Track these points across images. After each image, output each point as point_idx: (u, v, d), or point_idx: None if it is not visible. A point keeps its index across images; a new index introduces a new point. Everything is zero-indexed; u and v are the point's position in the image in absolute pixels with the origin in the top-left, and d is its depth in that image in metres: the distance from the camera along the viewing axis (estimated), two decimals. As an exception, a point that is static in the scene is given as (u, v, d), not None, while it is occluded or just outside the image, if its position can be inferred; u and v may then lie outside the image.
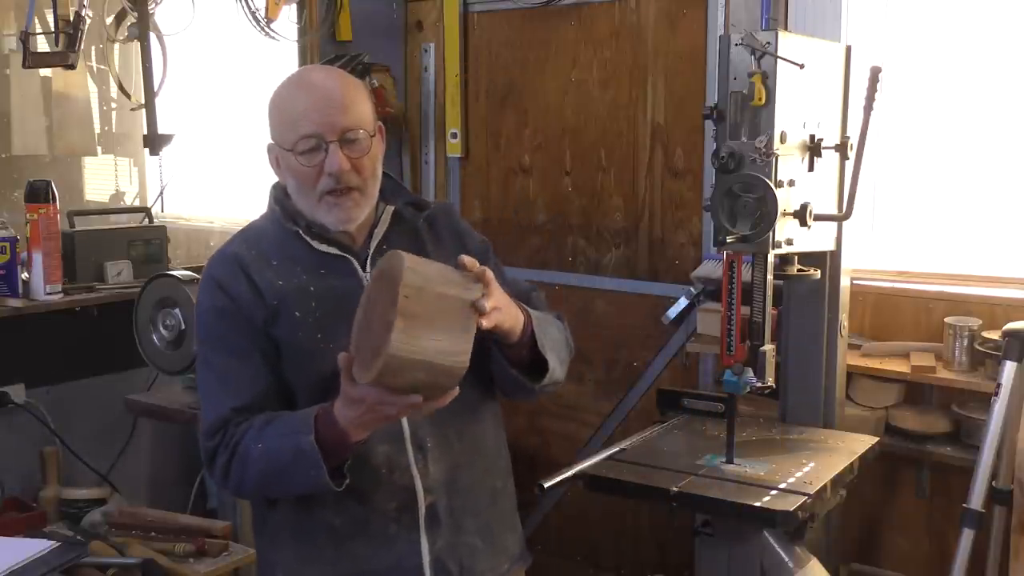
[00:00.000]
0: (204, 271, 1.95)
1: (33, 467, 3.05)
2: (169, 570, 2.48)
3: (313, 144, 1.81)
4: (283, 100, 1.87)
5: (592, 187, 3.72)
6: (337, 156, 1.80)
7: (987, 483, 2.77)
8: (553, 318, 2.03)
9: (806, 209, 2.47)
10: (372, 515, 1.84)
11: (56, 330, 3.13)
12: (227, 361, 1.84)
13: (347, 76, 1.92)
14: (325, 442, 1.70)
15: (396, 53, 4.02)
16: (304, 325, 1.83)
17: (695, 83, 3.45)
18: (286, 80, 1.91)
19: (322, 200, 1.84)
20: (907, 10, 3.25)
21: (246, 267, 1.87)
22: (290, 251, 1.89)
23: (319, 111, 1.81)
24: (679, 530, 3.31)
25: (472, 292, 1.66)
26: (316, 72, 1.95)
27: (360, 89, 1.89)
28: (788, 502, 2.28)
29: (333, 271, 1.87)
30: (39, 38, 3.27)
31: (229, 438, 1.80)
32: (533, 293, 2.09)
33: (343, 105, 1.82)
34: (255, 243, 1.92)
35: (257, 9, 3.51)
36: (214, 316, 1.87)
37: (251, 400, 1.81)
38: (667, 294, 3.46)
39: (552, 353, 1.89)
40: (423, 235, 1.97)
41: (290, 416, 1.78)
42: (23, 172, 4.10)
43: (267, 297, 1.84)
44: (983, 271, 3.17)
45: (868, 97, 2.49)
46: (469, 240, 2.03)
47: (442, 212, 2.04)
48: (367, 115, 1.86)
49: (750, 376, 2.43)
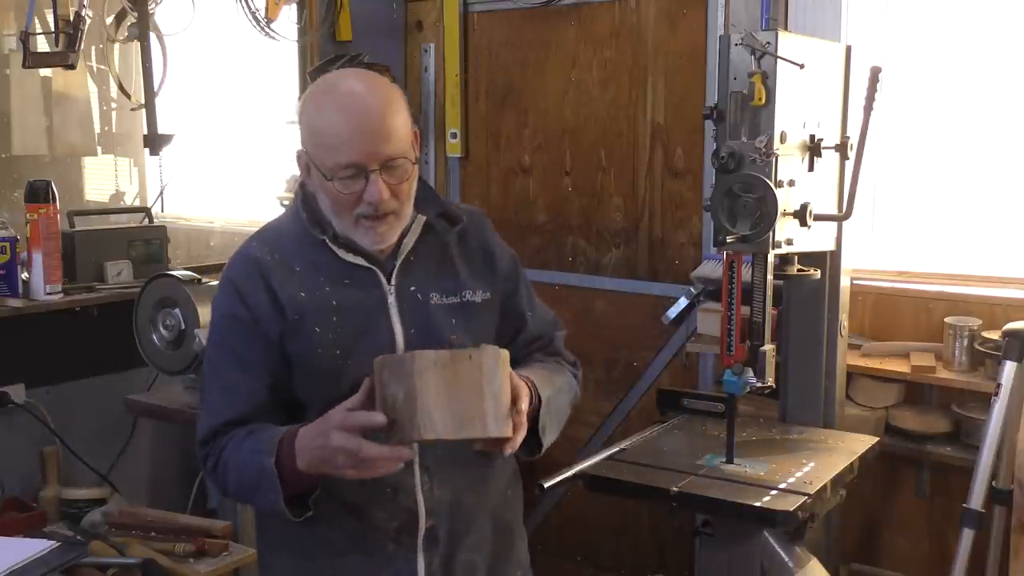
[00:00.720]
0: (224, 271, 1.90)
1: (33, 467, 3.05)
2: (169, 570, 2.48)
3: (353, 173, 1.73)
4: (321, 119, 1.75)
5: (592, 187, 3.72)
6: (378, 186, 1.73)
7: (987, 483, 2.77)
8: (568, 376, 2.00)
9: (806, 209, 2.47)
10: (371, 532, 1.82)
11: (56, 330, 3.13)
12: (232, 372, 1.82)
13: (387, 90, 1.79)
14: (284, 464, 1.68)
15: (396, 53, 4.02)
16: (324, 341, 1.79)
17: (695, 83, 3.45)
18: (323, 92, 1.79)
19: (358, 223, 1.78)
20: (907, 10, 3.25)
21: (267, 275, 1.81)
22: (314, 258, 1.83)
23: (362, 140, 1.71)
24: (679, 530, 3.32)
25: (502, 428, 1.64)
26: (357, 89, 1.76)
27: (400, 103, 1.79)
28: (788, 502, 2.28)
29: (357, 282, 1.82)
30: (39, 38, 3.27)
31: (217, 446, 1.80)
32: (556, 332, 2.06)
33: (386, 133, 1.73)
34: (276, 246, 1.85)
35: (257, 9, 3.51)
36: (228, 323, 1.83)
37: (247, 414, 1.79)
38: (667, 294, 3.46)
39: (552, 433, 1.88)
40: (452, 248, 1.91)
41: (265, 432, 1.75)
42: (23, 172, 4.10)
43: (287, 311, 1.79)
44: (983, 271, 3.17)
45: (868, 97, 2.49)
46: (498, 260, 1.96)
47: (474, 225, 1.96)
48: (407, 136, 1.78)
49: (750, 376, 2.43)
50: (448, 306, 1.86)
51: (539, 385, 1.83)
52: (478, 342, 1.82)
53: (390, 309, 1.82)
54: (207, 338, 1.91)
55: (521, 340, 1.99)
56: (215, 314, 1.88)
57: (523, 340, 1.99)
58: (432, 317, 1.84)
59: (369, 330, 1.80)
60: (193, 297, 2.82)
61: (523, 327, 2.00)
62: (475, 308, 1.89)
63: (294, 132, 4.22)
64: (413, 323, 1.82)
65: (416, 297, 1.84)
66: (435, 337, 1.82)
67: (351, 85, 1.77)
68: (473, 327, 1.87)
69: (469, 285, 1.89)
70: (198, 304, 2.82)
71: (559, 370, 1.99)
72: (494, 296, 1.93)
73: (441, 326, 1.84)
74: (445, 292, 1.86)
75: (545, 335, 2.03)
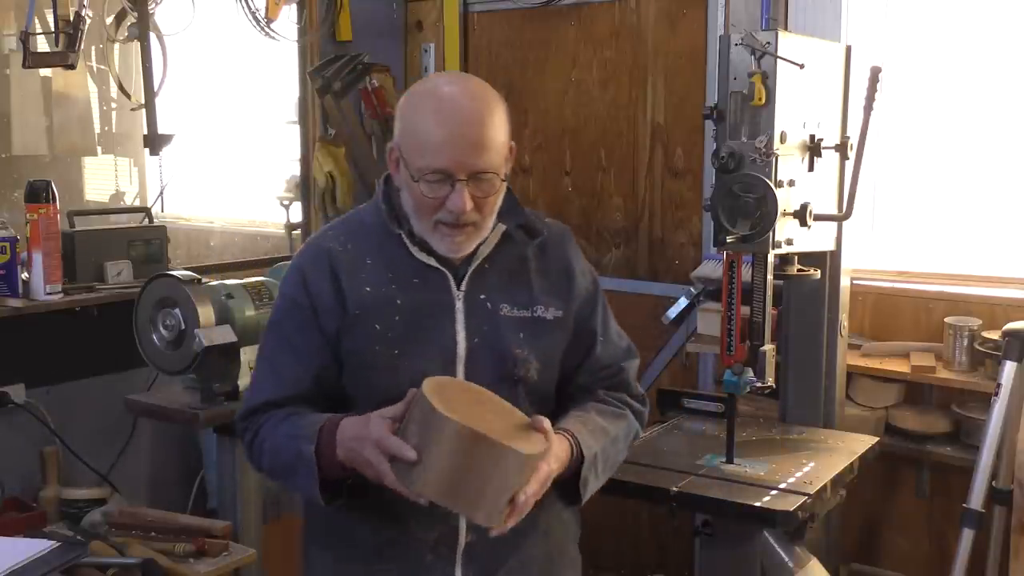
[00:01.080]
0: (296, 255, 1.89)
1: (33, 467, 3.05)
2: (169, 570, 2.48)
3: (440, 178, 1.70)
4: (418, 118, 1.73)
5: (592, 187, 3.72)
6: (462, 197, 1.70)
7: (987, 483, 2.78)
8: (627, 421, 1.92)
9: (806, 209, 2.47)
10: (410, 541, 1.79)
11: (56, 330, 3.13)
12: (282, 356, 1.82)
13: (489, 102, 1.76)
14: (323, 452, 1.68)
15: (396, 53, 4.02)
16: (383, 339, 1.76)
17: (695, 83, 3.45)
18: (425, 93, 1.77)
19: (437, 228, 1.75)
20: (907, 10, 3.25)
21: (336, 266, 1.79)
22: (387, 253, 1.80)
23: (454, 147, 1.69)
24: (679, 530, 3.31)
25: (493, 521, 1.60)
26: (459, 96, 1.74)
27: (500, 116, 1.76)
28: (788, 502, 2.28)
29: (426, 282, 1.79)
30: (39, 38, 3.26)
31: (255, 423, 1.81)
32: (627, 362, 1.97)
33: (481, 144, 1.70)
34: (353, 236, 1.84)
35: (257, 9, 3.51)
36: (289, 307, 1.83)
37: (287, 399, 1.80)
38: (667, 294, 3.46)
39: (596, 484, 1.84)
40: (529, 262, 1.86)
41: (304, 418, 1.75)
42: (23, 172, 4.10)
43: (349, 305, 1.78)
44: (983, 271, 3.17)
45: (868, 97, 2.49)
46: (576, 280, 1.90)
47: (556, 241, 1.91)
48: (502, 150, 1.76)
49: (750, 376, 2.44)
50: (517, 319, 1.81)
51: (587, 440, 1.78)
52: (543, 359, 1.81)
53: (456, 315, 1.79)
54: (271, 313, 1.91)
55: (588, 365, 1.92)
56: (280, 295, 1.89)
57: (591, 366, 1.92)
58: (499, 328, 1.80)
59: (431, 333, 1.77)
60: (193, 297, 2.82)
61: (592, 353, 1.92)
62: (545, 325, 1.84)
63: (294, 132, 4.24)
64: (478, 332, 1.79)
65: (485, 306, 1.80)
66: (499, 348, 1.78)
67: (454, 91, 1.75)
68: (540, 344, 1.82)
69: (542, 300, 1.84)
70: (198, 304, 2.82)
71: (618, 416, 1.90)
72: (567, 315, 1.87)
73: (507, 338, 1.79)
74: (516, 304, 1.82)
75: (614, 364, 1.95)
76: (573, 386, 1.91)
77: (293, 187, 4.07)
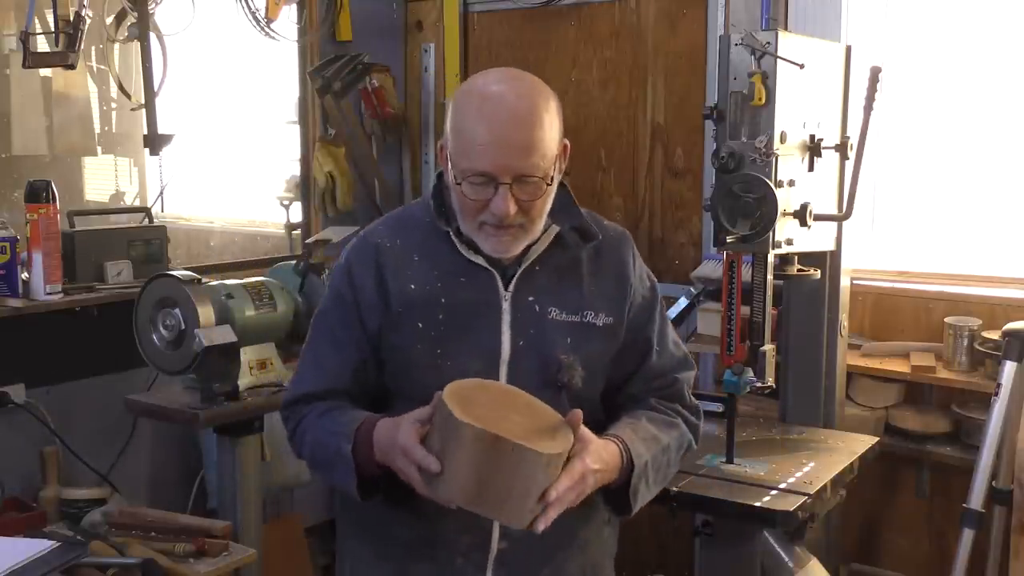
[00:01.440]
0: (345, 249, 1.87)
1: (33, 467, 3.05)
2: (169, 570, 2.47)
3: (483, 181, 1.66)
4: (464, 120, 1.68)
5: (592, 187, 3.72)
6: (505, 201, 1.65)
7: (987, 483, 2.78)
8: (680, 430, 1.87)
9: (806, 209, 2.47)
10: (442, 543, 1.77)
11: (56, 330, 3.13)
12: (325, 348, 1.82)
13: (539, 101, 1.70)
14: (360, 452, 1.68)
15: (396, 53, 4.02)
16: (425, 337, 1.74)
17: (695, 83, 3.45)
18: (474, 92, 1.72)
19: (481, 228, 1.71)
20: (907, 10, 3.25)
21: (383, 263, 1.78)
22: (434, 249, 1.78)
23: (498, 151, 1.64)
24: (679, 530, 3.31)
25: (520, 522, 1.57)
26: (508, 96, 1.69)
27: (550, 116, 1.70)
28: (788, 502, 2.28)
29: (473, 282, 1.76)
30: (39, 38, 3.26)
31: (297, 413, 1.82)
32: (683, 374, 1.91)
33: (526, 146, 1.65)
34: (402, 231, 1.81)
35: (257, 9, 3.51)
36: (334, 300, 1.83)
37: (328, 392, 1.80)
38: (667, 294, 3.44)
39: (647, 494, 1.79)
40: (583, 266, 1.81)
41: (345, 414, 1.76)
42: (23, 172, 4.09)
43: (393, 303, 1.76)
44: (983, 271, 3.17)
45: (868, 97, 2.49)
46: (632, 287, 1.85)
47: (612, 245, 1.86)
48: (550, 153, 1.69)
49: (750, 376, 2.44)
50: (566, 323, 1.77)
51: (638, 448, 1.73)
52: (591, 366, 1.78)
53: (502, 316, 1.75)
54: (320, 304, 1.90)
55: (642, 375, 1.87)
56: (329, 287, 1.89)
57: (644, 376, 1.87)
58: (546, 332, 1.75)
59: (475, 333, 1.74)
60: (193, 297, 2.82)
61: (646, 362, 1.87)
62: (595, 331, 1.79)
63: (294, 132, 4.24)
64: (524, 334, 1.75)
65: (533, 308, 1.76)
66: (545, 353, 1.75)
67: (502, 89, 1.70)
68: (588, 350, 1.78)
69: (593, 306, 1.79)
70: (198, 304, 2.81)
71: (671, 425, 1.85)
72: (618, 323, 1.82)
73: (554, 343, 1.75)
74: (565, 308, 1.77)
75: (668, 375, 1.89)
76: (624, 395, 1.87)
77: (293, 187, 4.07)
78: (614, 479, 1.71)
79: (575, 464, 1.60)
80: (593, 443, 1.65)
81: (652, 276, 1.94)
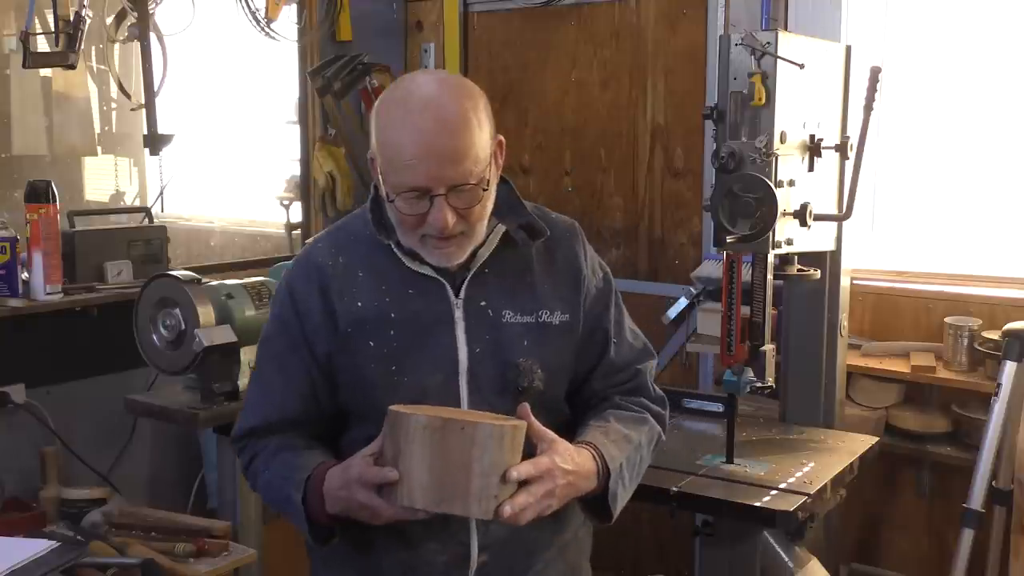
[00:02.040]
0: (286, 271, 1.82)
1: (33, 467, 3.05)
2: (169, 570, 2.47)
3: (417, 195, 1.59)
4: (389, 132, 1.61)
5: (592, 187, 3.72)
6: (442, 213, 1.59)
7: (987, 483, 2.78)
8: (648, 425, 1.82)
9: (806, 209, 2.47)
10: (420, 564, 1.71)
11: (56, 330, 3.13)
12: (274, 376, 1.77)
13: (467, 102, 1.61)
14: (310, 502, 1.65)
15: (396, 53, 4.02)
16: (378, 356, 1.69)
17: (695, 83, 3.45)
18: (397, 100, 1.63)
19: (424, 241, 1.66)
20: (907, 10, 3.25)
21: (326, 283, 1.72)
22: (379, 264, 1.72)
23: (428, 161, 1.57)
24: (679, 530, 3.31)
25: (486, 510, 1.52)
26: (432, 102, 1.59)
27: (479, 117, 1.61)
28: (788, 502, 2.28)
29: (422, 293, 1.70)
30: (39, 38, 3.26)
31: (251, 448, 1.78)
32: (644, 364, 1.88)
33: (457, 154, 1.57)
34: (344, 248, 1.75)
35: (257, 9, 3.51)
36: (278, 327, 1.78)
37: (279, 421, 1.76)
38: (667, 294, 3.47)
39: (624, 497, 1.74)
40: (533, 264, 1.76)
41: (297, 458, 1.71)
42: (23, 172, 4.09)
43: (340, 324, 1.70)
44: (983, 271, 3.17)
45: (868, 97, 2.49)
46: (585, 280, 1.80)
47: (562, 239, 1.81)
48: (483, 153, 1.61)
49: (750, 376, 2.44)
50: (521, 325, 1.72)
51: (611, 452, 1.70)
52: (551, 366, 1.73)
53: (456, 324, 1.70)
54: (262, 331, 1.85)
55: (603, 370, 1.84)
56: (271, 313, 1.83)
57: (605, 371, 1.84)
58: (502, 336, 1.71)
59: (429, 345, 1.69)
60: (193, 297, 2.82)
61: (605, 355, 1.83)
62: (551, 330, 1.74)
63: (294, 132, 4.23)
64: (480, 341, 1.70)
65: (486, 313, 1.71)
66: (503, 357, 1.70)
67: (426, 96, 1.60)
68: (547, 350, 1.73)
69: (548, 304, 1.75)
70: (198, 304, 2.81)
71: (640, 421, 1.81)
72: (574, 319, 1.77)
73: (511, 346, 1.71)
74: (520, 310, 1.72)
75: (630, 367, 1.86)
76: (588, 391, 1.84)
77: (293, 187, 4.07)
78: (591, 487, 1.67)
79: (541, 457, 1.58)
80: (561, 443, 1.62)
81: (605, 266, 1.89)
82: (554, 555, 1.80)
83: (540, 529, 1.70)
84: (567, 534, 1.83)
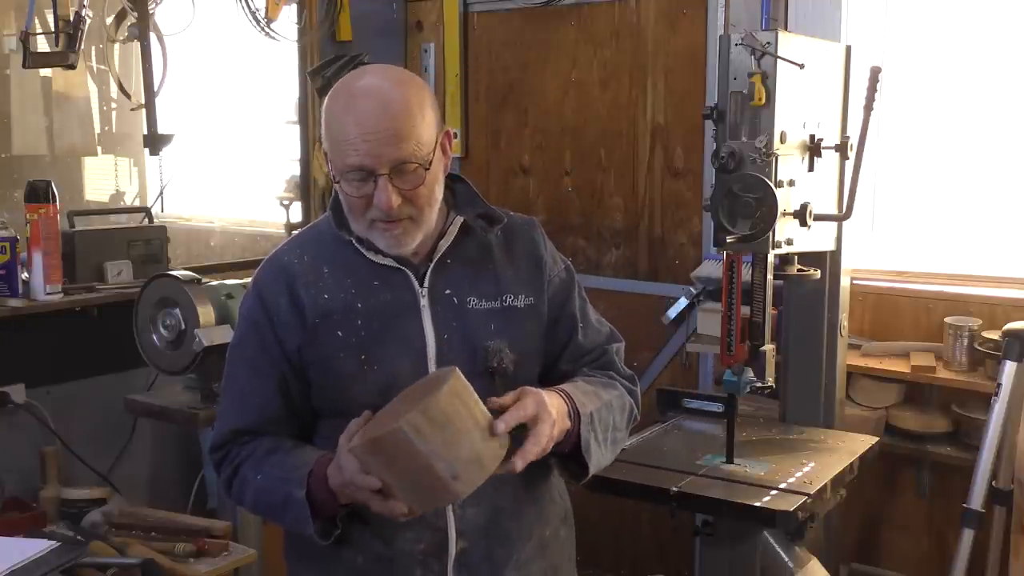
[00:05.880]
0: (255, 273, 1.84)
1: (33, 467, 3.05)
2: (169, 570, 2.48)
3: (361, 176, 1.63)
4: (333, 117, 1.66)
5: (592, 187, 3.73)
6: (386, 192, 1.62)
7: (987, 483, 2.78)
8: (620, 391, 1.86)
9: (806, 209, 2.47)
10: (397, 556, 1.72)
11: (56, 330, 3.13)
12: (247, 379, 1.78)
13: (408, 88, 1.66)
14: (316, 497, 1.65)
15: (396, 53, 4.02)
16: (347, 346, 1.71)
17: (695, 83, 3.46)
18: (342, 88, 1.70)
19: (373, 226, 1.69)
20: (907, 10, 3.25)
21: (293, 280, 1.75)
22: (343, 259, 1.76)
23: (367, 142, 1.61)
24: (679, 530, 3.31)
25: (472, 482, 1.51)
26: (373, 87, 1.66)
27: (421, 103, 1.66)
28: (788, 502, 2.28)
29: (387, 284, 1.74)
30: (39, 38, 3.26)
31: (233, 456, 1.77)
32: (611, 345, 1.91)
33: (396, 134, 1.61)
34: (310, 247, 1.79)
35: (257, 9, 3.52)
36: (248, 328, 1.79)
37: (258, 423, 1.77)
38: (667, 294, 3.47)
39: (600, 453, 1.75)
40: (494, 252, 1.80)
41: (290, 456, 1.71)
42: (23, 172, 4.10)
43: (308, 316, 1.73)
44: (983, 271, 3.17)
45: (868, 97, 2.49)
46: (547, 267, 1.84)
47: (523, 230, 1.86)
48: (425, 137, 1.65)
49: (750, 376, 2.44)
50: (487, 310, 1.76)
51: (580, 398, 1.72)
52: (520, 348, 1.76)
53: (422, 312, 1.73)
54: (233, 336, 1.86)
55: (570, 353, 1.87)
56: (239, 316, 1.84)
57: (573, 353, 1.87)
58: (469, 321, 1.74)
59: (397, 335, 1.72)
60: (193, 297, 2.82)
61: (573, 338, 1.87)
62: (517, 313, 1.78)
63: (294, 132, 4.24)
64: (447, 328, 1.73)
65: (452, 301, 1.75)
66: (472, 342, 1.73)
67: (368, 83, 1.67)
68: (514, 333, 1.77)
69: (511, 289, 1.79)
70: (198, 304, 2.82)
71: (608, 385, 1.85)
72: (539, 301, 1.81)
73: (478, 331, 1.74)
74: (484, 296, 1.76)
75: (597, 348, 1.89)
76: (557, 374, 1.86)
77: (293, 187, 4.07)
78: (568, 427, 1.68)
79: (522, 401, 1.59)
80: (530, 388, 1.63)
81: (566, 260, 1.92)
82: (536, 550, 1.81)
83: (519, 518, 1.74)
84: (548, 530, 1.84)
